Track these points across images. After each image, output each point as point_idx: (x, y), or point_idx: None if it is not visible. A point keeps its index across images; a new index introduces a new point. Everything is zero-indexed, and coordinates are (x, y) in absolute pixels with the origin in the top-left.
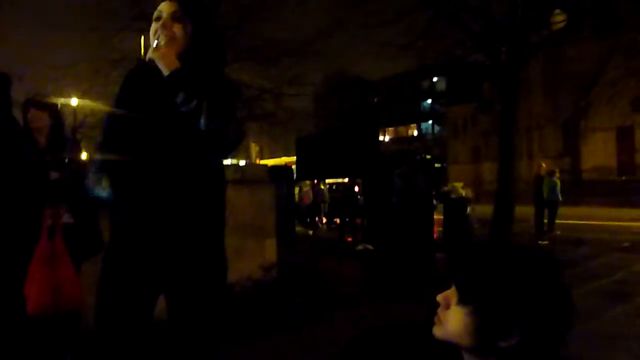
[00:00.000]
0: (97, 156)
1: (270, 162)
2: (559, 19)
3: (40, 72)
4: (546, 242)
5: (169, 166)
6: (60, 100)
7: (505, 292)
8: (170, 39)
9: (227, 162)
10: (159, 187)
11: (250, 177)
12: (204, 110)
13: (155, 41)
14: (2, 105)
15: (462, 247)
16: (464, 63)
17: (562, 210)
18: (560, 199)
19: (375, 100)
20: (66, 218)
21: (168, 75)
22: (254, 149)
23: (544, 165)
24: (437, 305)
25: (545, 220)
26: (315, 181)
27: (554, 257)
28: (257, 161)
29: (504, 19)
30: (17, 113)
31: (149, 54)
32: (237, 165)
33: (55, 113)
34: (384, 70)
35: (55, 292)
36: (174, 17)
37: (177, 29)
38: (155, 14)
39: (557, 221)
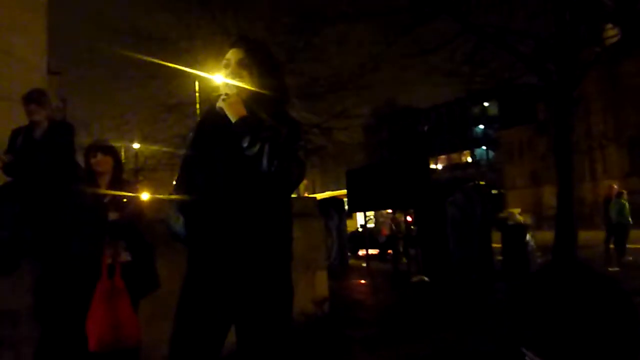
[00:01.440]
0: (174, 196)
1: (318, 196)
2: (611, 33)
3: (105, 120)
4: (617, 269)
5: (238, 204)
6: (123, 145)
7: (583, 348)
8: (239, 87)
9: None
10: (229, 224)
11: (299, 210)
12: (265, 154)
13: (226, 90)
14: (67, 153)
15: (520, 294)
16: (514, 86)
17: (633, 234)
18: (631, 221)
19: (426, 128)
20: (125, 256)
21: (235, 123)
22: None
23: (615, 186)
24: (506, 340)
25: (612, 246)
26: (390, 211)
27: (625, 293)
28: (306, 195)
29: (552, 38)
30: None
31: (218, 104)
32: None
33: (118, 157)
34: (432, 98)
35: (115, 329)
36: (241, 64)
37: (245, 75)
38: (224, 62)
39: (628, 246)
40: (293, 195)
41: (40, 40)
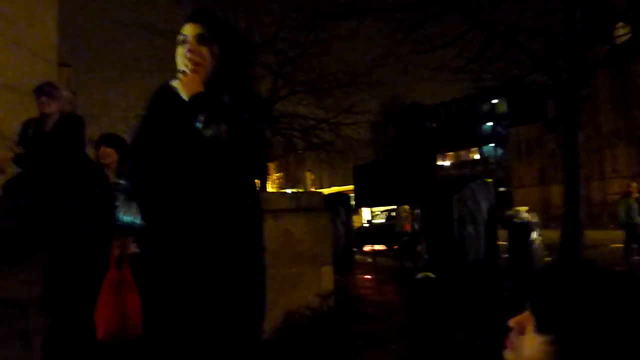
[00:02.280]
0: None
1: (325, 191)
2: (622, 32)
3: (113, 113)
4: (624, 268)
5: (196, 190)
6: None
7: (591, 322)
8: (197, 64)
9: (288, 190)
10: (188, 213)
11: (306, 204)
12: (223, 134)
13: (182, 67)
14: (77, 145)
15: (536, 270)
16: (524, 83)
17: None
18: (638, 221)
19: (434, 125)
20: (133, 248)
21: (189, 101)
22: (308, 177)
23: (634, 184)
24: (509, 329)
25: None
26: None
27: None
28: (313, 189)
29: (562, 36)
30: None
31: (173, 82)
32: (293, 193)
33: (123, 149)
34: (441, 94)
35: (122, 319)
36: (200, 40)
37: (204, 52)
38: (180, 37)
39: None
40: (300, 190)
41: (51, 32)
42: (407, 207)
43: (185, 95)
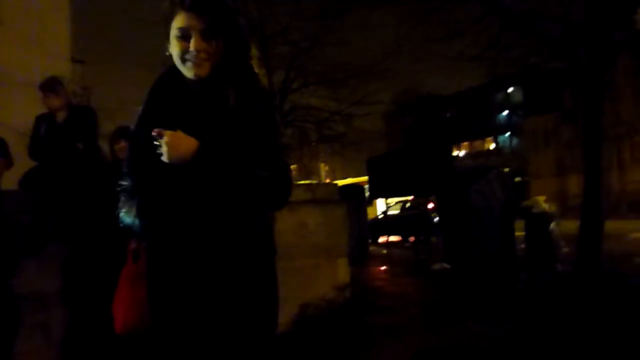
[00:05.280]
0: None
1: (339, 182)
2: None
3: (129, 108)
4: None
5: (202, 192)
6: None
7: None
8: (204, 60)
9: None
10: (193, 216)
11: (321, 196)
12: (250, 189)
13: (183, 66)
14: (88, 136)
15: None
16: (541, 71)
17: None
18: None
19: (448, 115)
20: None
21: (194, 164)
22: (323, 168)
23: None
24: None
25: None
26: None
27: None
28: (327, 181)
29: (582, 20)
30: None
31: (164, 158)
32: (308, 184)
33: None
34: (455, 84)
35: (139, 312)
36: (206, 35)
37: (210, 48)
38: (179, 32)
39: None
40: (314, 182)
41: (62, 28)
42: None
43: (182, 159)
